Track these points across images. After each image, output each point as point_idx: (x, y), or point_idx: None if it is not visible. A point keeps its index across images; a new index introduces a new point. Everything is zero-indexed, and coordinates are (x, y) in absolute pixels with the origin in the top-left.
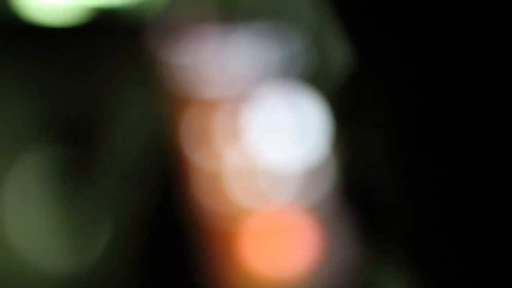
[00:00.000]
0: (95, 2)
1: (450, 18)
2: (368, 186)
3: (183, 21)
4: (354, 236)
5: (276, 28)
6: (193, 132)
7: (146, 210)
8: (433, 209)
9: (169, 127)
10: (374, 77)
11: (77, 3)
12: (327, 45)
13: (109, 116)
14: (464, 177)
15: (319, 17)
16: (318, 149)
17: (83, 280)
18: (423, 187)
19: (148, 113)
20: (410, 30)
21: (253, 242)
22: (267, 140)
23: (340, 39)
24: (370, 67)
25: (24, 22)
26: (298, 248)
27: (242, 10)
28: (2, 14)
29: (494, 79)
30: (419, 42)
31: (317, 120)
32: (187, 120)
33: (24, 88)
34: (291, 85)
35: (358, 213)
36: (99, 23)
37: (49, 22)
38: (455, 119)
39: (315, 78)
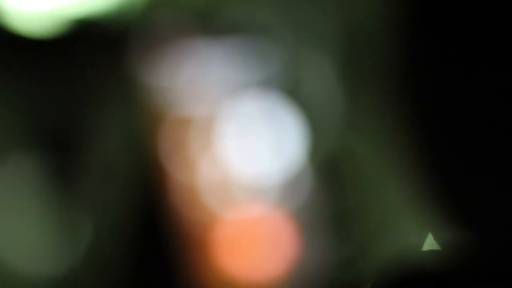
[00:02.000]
0: (74, 12)
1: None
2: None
3: (162, 35)
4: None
5: (255, 43)
6: (172, 144)
7: (126, 219)
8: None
9: (148, 138)
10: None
11: (56, 13)
12: (304, 59)
13: (90, 125)
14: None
15: (296, 32)
16: (296, 158)
17: (65, 283)
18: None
19: (127, 124)
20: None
21: (232, 249)
22: (246, 150)
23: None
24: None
25: (4, 31)
26: (276, 253)
27: (220, 26)
28: None
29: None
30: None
31: (294, 131)
32: (166, 132)
33: (5, 97)
34: (269, 97)
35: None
36: (79, 33)
37: (29, 31)
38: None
39: (293, 90)
